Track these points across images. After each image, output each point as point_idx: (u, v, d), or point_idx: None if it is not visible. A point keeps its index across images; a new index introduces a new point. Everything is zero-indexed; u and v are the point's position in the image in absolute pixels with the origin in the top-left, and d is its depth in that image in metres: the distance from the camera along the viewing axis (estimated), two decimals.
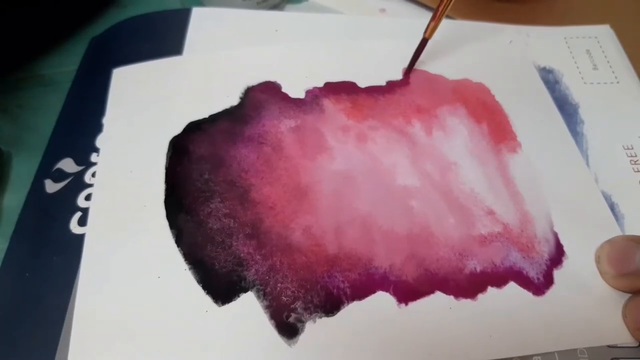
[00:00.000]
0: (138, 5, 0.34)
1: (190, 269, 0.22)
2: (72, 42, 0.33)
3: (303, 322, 0.21)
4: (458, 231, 0.23)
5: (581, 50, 0.31)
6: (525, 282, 0.22)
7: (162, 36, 0.31)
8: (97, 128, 0.27)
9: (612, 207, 0.24)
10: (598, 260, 0.22)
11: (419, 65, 0.29)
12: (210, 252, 0.22)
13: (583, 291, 0.22)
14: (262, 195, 0.24)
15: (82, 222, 0.24)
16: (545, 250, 0.23)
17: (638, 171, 0.26)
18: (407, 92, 0.28)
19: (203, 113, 0.27)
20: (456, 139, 0.26)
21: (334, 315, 0.21)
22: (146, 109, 0.27)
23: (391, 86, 0.28)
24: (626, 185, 0.25)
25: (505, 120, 0.27)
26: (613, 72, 0.30)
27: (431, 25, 0.26)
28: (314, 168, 0.25)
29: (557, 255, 0.23)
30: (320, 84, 0.28)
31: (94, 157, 0.26)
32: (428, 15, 0.33)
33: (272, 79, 0.28)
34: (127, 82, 0.28)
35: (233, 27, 0.31)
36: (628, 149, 0.27)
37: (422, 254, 0.22)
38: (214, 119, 0.27)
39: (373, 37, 0.31)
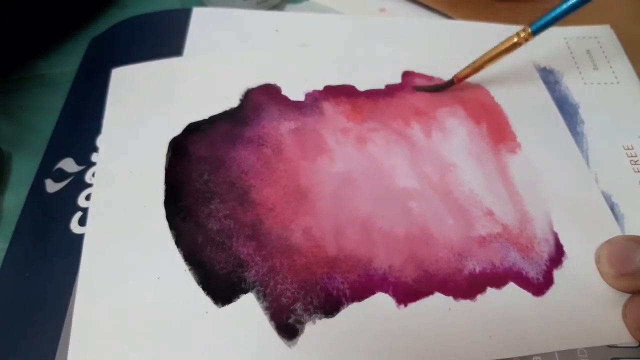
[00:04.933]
0: (138, 5, 0.34)
1: (190, 269, 0.22)
2: (72, 42, 0.33)
3: (303, 323, 0.21)
4: (457, 232, 0.23)
5: (581, 51, 0.31)
6: (524, 282, 0.22)
7: (162, 36, 0.31)
8: (98, 128, 0.27)
9: (612, 207, 0.24)
10: (598, 260, 0.22)
11: (418, 69, 0.29)
12: (210, 253, 0.22)
13: (583, 291, 0.22)
14: (262, 196, 0.24)
15: (83, 222, 0.24)
16: (544, 251, 0.23)
17: (638, 171, 0.26)
18: (406, 95, 0.28)
19: (203, 114, 0.27)
20: (455, 140, 0.26)
21: (334, 316, 0.21)
22: (146, 109, 0.27)
23: (390, 89, 0.28)
24: (626, 185, 0.25)
25: (504, 121, 0.27)
26: (613, 72, 0.30)
27: (465, 72, 0.27)
28: (314, 170, 0.25)
29: (557, 256, 0.23)
30: (320, 87, 0.28)
31: (94, 157, 0.26)
32: (428, 15, 0.34)
33: (271, 81, 0.28)
34: (126, 82, 0.28)
35: (233, 27, 0.31)
36: (628, 149, 0.27)
37: (421, 255, 0.22)
38: (213, 120, 0.27)
39: (373, 37, 0.31)
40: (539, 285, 0.22)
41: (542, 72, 0.30)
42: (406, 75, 0.29)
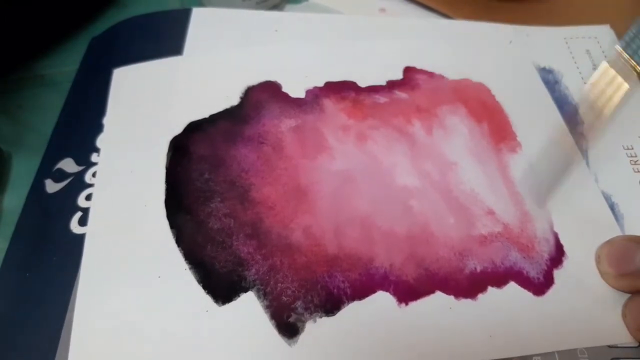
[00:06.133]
0: (138, 5, 0.34)
1: (190, 268, 0.22)
2: (72, 42, 0.33)
3: (303, 322, 0.21)
4: (458, 231, 0.23)
5: (581, 50, 0.31)
6: (525, 282, 0.22)
7: (162, 36, 0.31)
8: (98, 128, 0.27)
9: (612, 207, 0.24)
10: (598, 260, 0.22)
11: (420, 65, 0.29)
12: (210, 252, 0.22)
13: (583, 291, 0.22)
14: (262, 195, 0.24)
15: (83, 222, 0.24)
16: (545, 250, 0.23)
17: (638, 171, 0.26)
18: (407, 92, 0.28)
19: (203, 113, 0.27)
20: (456, 138, 0.26)
21: (334, 315, 0.21)
22: (146, 109, 0.27)
23: (391, 86, 0.28)
24: (626, 185, 0.25)
25: (505, 120, 0.27)
26: None
27: None
28: (314, 168, 0.25)
29: (557, 255, 0.23)
30: (321, 84, 0.28)
31: (94, 157, 0.26)
32: (428, 15, 0.34)
33: (272, 78, 0.28)
34: (127, 82, 0.28)
35: (233, 27, 0.31)
36: (628, 149, 0.27)
37: (422, 254, 0.22)
38: (214, 118, 0.27)
39: (373, 37, 0.31)
40: (540, 285, 0.22)
41: (541, 71, 0.30)
42: (408, 71, 0.29)
